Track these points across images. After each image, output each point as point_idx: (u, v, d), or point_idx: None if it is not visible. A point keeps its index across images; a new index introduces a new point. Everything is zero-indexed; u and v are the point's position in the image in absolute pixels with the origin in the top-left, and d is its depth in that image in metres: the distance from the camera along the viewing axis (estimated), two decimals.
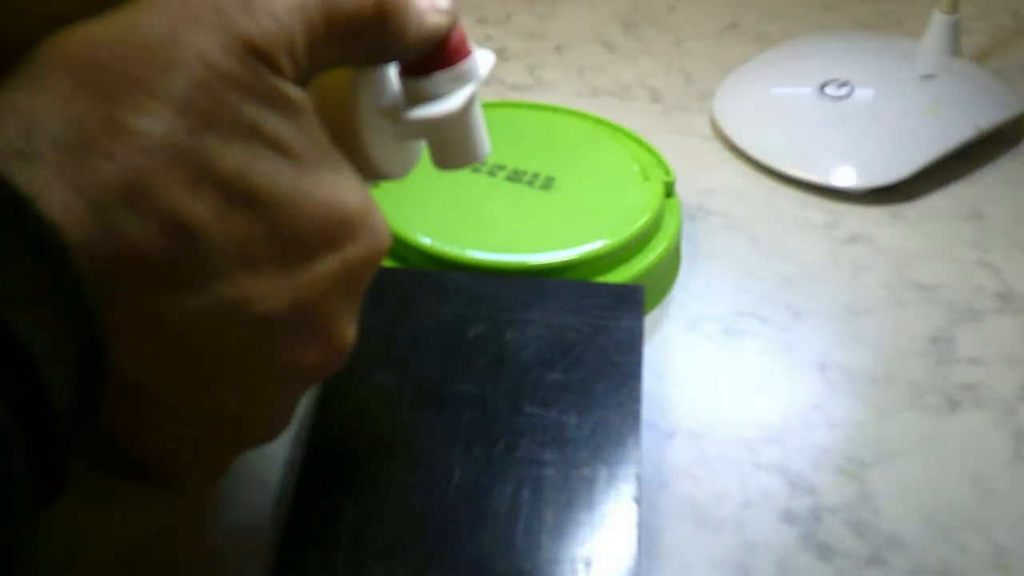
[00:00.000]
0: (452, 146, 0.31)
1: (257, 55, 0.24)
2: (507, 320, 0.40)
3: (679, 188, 0.54)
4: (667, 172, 0.52)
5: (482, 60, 0.32)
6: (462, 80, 0.30)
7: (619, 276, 0.46)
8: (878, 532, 0.39)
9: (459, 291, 0.41)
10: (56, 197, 0.21)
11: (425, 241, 0.45)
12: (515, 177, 0.51)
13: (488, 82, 0.67)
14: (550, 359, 0.39)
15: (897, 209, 0.56)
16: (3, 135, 0.21)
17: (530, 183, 0.50)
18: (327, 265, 0.26)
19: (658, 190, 0.50)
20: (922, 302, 0.50)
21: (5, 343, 0.19)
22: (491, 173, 0.51)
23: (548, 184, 0.50)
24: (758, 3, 0.77)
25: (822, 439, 0.42)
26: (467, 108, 0.30)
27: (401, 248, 0.46)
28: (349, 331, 0.28)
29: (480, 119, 0.32)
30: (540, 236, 0.46)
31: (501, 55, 0.70)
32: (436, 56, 0.30)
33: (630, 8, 0.76)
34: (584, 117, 0.56)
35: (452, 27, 0.30)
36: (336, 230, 0.26)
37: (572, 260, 0.45)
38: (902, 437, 0.43)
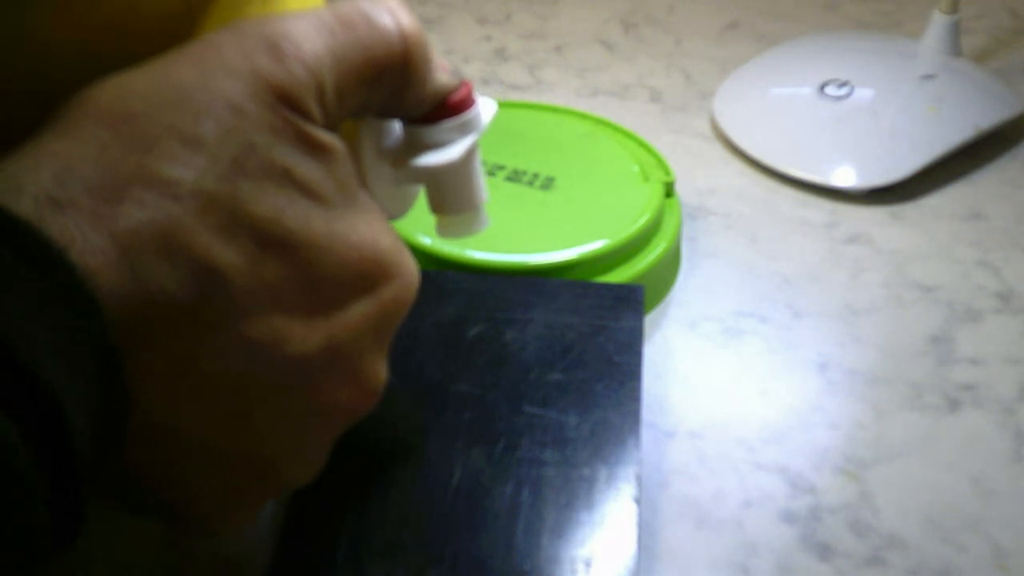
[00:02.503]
0: (449, 194, 0.32)
1: (286, 101, 0.24)
2: (507, 320, 0.40)
3: (679, 188, 0.54)
4: (667, 172, 0.52)
5: (485, 109, 0.32)
6: (464, 130, 0.31)
7: (619, 276, 0.46)
8: (878, 532, 0.39)
9: (459, 291, 0.41)
10: (88, 244, 0.21)
11: (425, 241, 0.45)
12: (515, 177, 0.51)
13: (488, 82, 0.67)
14: (550, 359, 0.39)
15: (897, 209, 0.56)
16: (38, 182, 0.22)
17: (530, 183, 0.50)
18: (361, 307, 0.26)
19: (658, 190, 0.50)
20: (922, 302, 0.50)
21: (32, 391, 0.19)
22: (491, 173, 0.51)
23: (548, 184, 0.50)
24: (758, 3, 0.77)
25: (822, 439, 0.42)
26: (467, 158, 0.31)
27: None
28: (381, 372, 0.28)
29: (479, 168, 0.32)
30: (540, 236, 0.46)
31: (501, 55, 0.70)
32: (440, 106, 0.30)
33: (630, 8, 0.76)
34: (584, 117, 0.56)
35: (457, 86, 0.30)
36: (370, 272, 0.26)
37: (572, 260, 0.45)
38: (902, 437, 0.43)
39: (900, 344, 0.47)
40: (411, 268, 0.28)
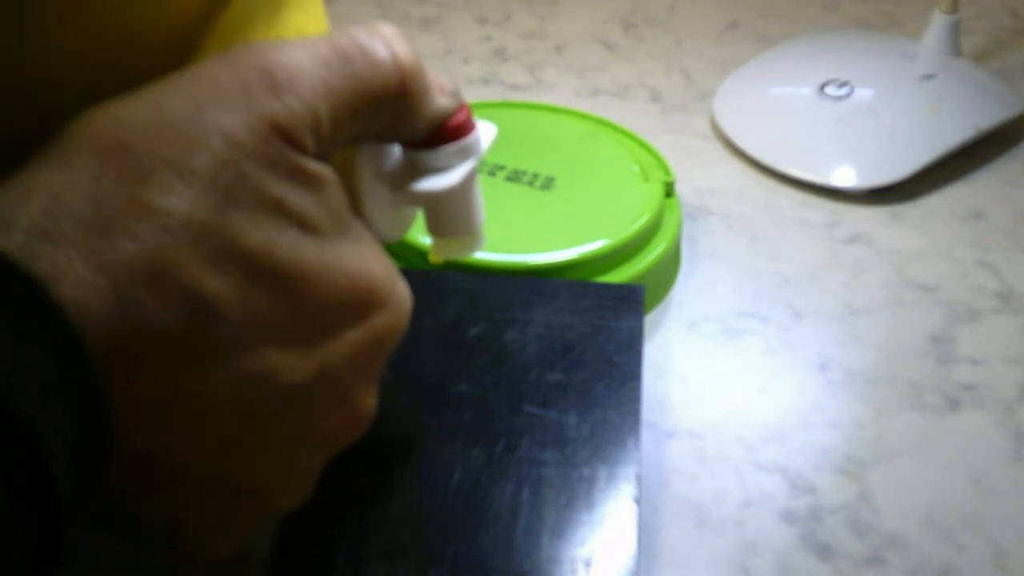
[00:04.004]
0: (448, 218, 0.32)
1: (281, 133, 0.24)
2: (507, 320, 0.40)
3: (679, 188, 0.54)
4: (667, 172, 0.52)
5: (484, 134, 0.32)
6: (464, 155, 0.30)
7: (619, 276, 0.46)
8: (878, 532, 0.39)
9: (459, 291, 0.41)
10: (78, 276, 0.21)
11: (425, 241, 0.45)
12: (515, 177, 0.51)
13: (488, 82, 0.67)
14: (550, 359, 0.39)
15: (897, 209, 0.56)
16: (29, 214, 0.21)
17: (530, 183, 0.50)
18: (353, 336, 0.26)
19: (658, 190, 0.50)
20: (922, 302, 0.50)
21: (12, 430, 0.19)
22: (491, 173, 0.51)
23: (548, 184, 0.50)
24: (758, 3, 0.77)
25: (822, 439, 0.42)
26: (466, 183, 0.31)
27: (401, 248, 0.46)
28: (371, 399, 0.28)
29: (478, 192, 0.32)
30: (540, 236, 0.46)
31: (501, 55, 0.70)
32: (440, 131, 0.30)
33: (630, 8, 0.76)
34: (584, 117, 0.56)
35: (457, 108, 0.30)
36: (363, 301, 0.26)
37: (572, 260, 0.45)
38: (902, 437, 0.43)
39: (900, 344, 0.47)
40: (403, 296, 0.28)
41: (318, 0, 0.35)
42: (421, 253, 0.45)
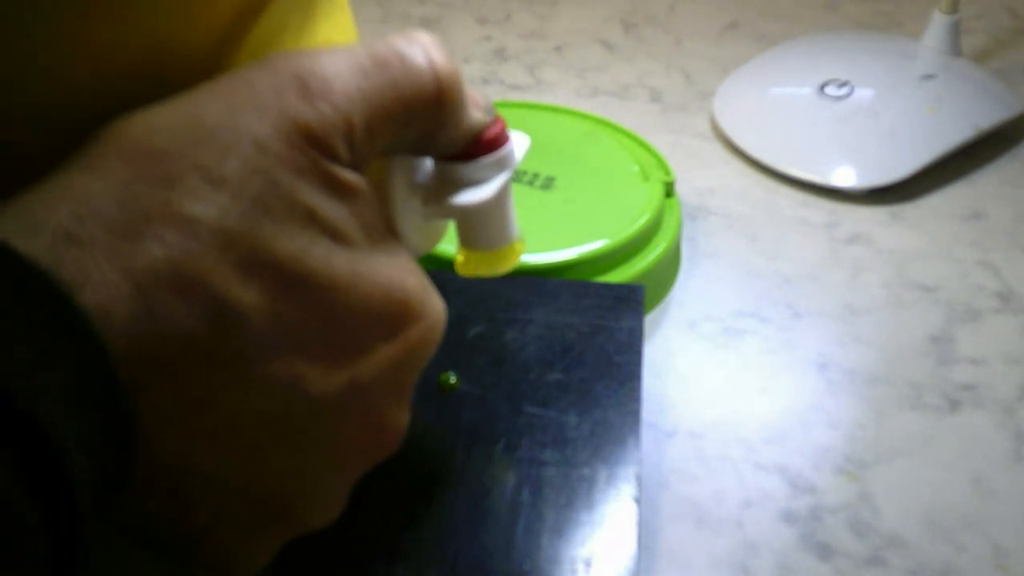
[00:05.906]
0: (481, 230, 0.31)
1: (313, 141, 0.24)
2: (507, 320, 0.40)
3: (679, 188, 0.54)
4: (667, 172, 0.52)
5: (518, 145, 0.32)
6: (498, 167, 0.30)
7: (619, 276, 0.46)
8: (878, 532, 0.39)
9: (459, 291, 0.41)
10: (104, 280, 0.21)
11: None
12: (515, 177, 0.51)
13: (488, 82, 0.67)
14: (550, 359, 0.39)
15: (897, 209, 0.56)
16: (56, 217, 0.21)
17: (530, 183, 0.50)
18: (386, 349, 0.26)
19: (658, 190, 0.50)
20: (922, 302, 0.50)
21: (33, 438, 0.19)
22: None
23: (548, 184, 0.50)
24: (758, 3, 0.77)
25: (822, 439, 0.42)
26: (500, 195, 0.31)
27: None
28: (403, 415, 0.28)
29: (511, 204, 0.32)
30: (540, 236, 0.46)
31: (501, 55, 0.70)
32: (475, 143, 0.30)
33: (630, 8, 0.76)
34: (584, 117, 0.56)
35: (491, 123, 0.30)
36: (395, 313, 0.26)
37: (572, 260, 0.45)
38: (902, 437, 0.43)
39: (900, 344, 0.47)
40: (438, 309, 0.27)
41: (347, 11, 0.35)
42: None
